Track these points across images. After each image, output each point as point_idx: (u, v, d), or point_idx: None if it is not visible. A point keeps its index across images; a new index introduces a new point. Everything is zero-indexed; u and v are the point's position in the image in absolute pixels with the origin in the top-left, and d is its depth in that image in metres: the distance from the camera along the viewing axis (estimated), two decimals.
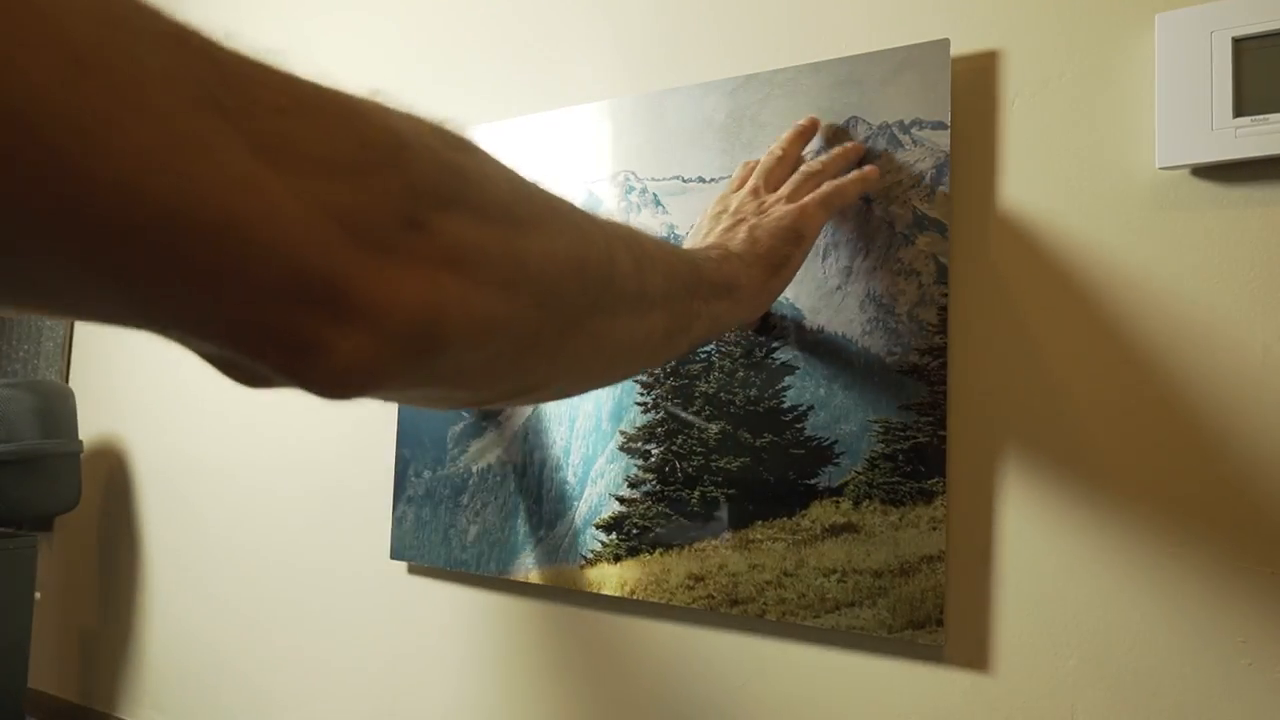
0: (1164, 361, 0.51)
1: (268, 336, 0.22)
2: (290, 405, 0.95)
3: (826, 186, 0.55)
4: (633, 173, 0.71)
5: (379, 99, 0.25)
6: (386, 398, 0.28)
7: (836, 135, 0.61)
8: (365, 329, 0.22)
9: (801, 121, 0.61)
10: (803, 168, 0.57)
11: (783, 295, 0.62)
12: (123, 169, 0.18)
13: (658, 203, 0.69)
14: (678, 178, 0.69)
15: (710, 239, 0.52)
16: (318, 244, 0.21)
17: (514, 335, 0.28)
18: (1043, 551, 0.53)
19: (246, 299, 0.20)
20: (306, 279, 0.21)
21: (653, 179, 0.70)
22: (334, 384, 0.23)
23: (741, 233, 0.51)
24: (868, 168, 0.57)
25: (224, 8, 1.10)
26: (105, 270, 0.19)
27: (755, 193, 0.55)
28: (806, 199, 0.54)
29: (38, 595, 1.08)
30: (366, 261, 0.22)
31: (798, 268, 0.54)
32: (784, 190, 0.55)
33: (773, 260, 0.51)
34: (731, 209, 0.55)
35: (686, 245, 0.55)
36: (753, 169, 0.59)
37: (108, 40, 0.18)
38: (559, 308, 0.30)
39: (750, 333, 0.64)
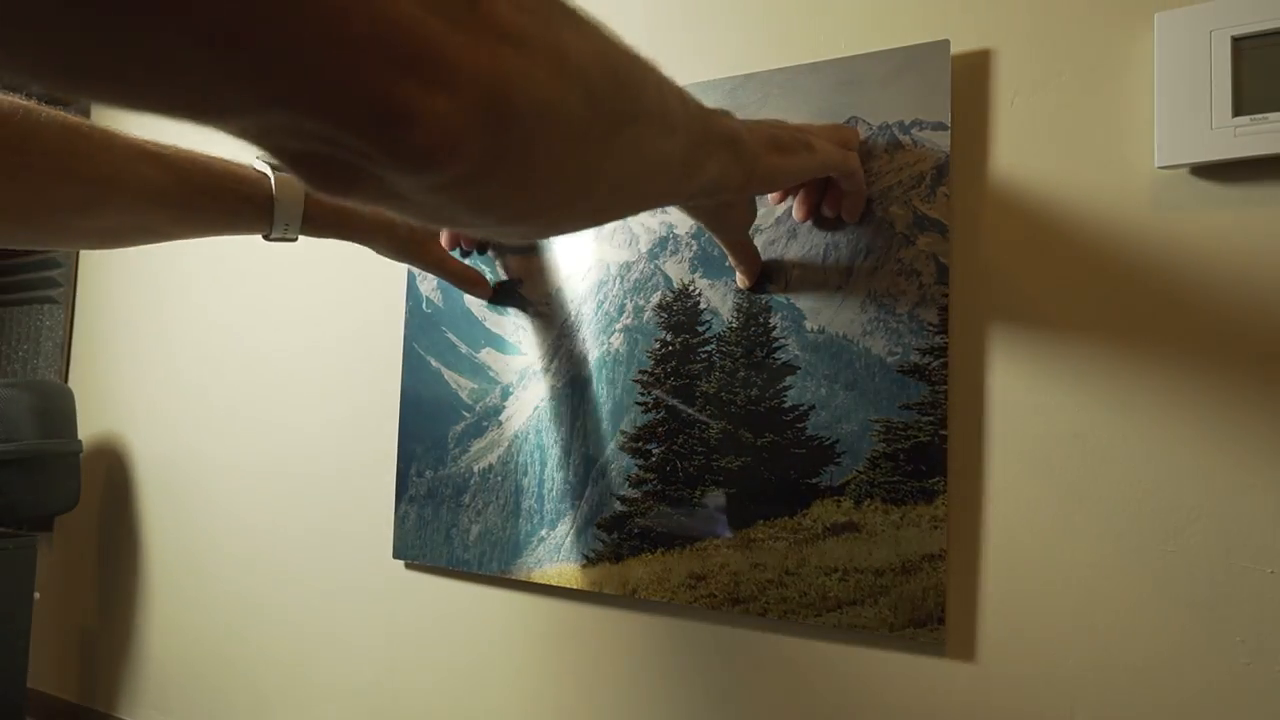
0: (1163, 361, 0.51)
1: (367, 104, 0.24)
2: (291, 404, 0.95)
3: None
4: None
5: None
6: (463, 195, 0.30)
7: None
8: (450, 92, 0.25)
9: None
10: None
11: (782, 295, 0.63)
12: None
13: None
14: None
15: None
16: (408, 14, 0.23)
17: (568, 126, 0.31)
18: (1043, 551, 0.54)
19: (351, 64, 0.23)
20: (401, 44, 0.23)
21: None
22: (423, 153, 0.26)
23: (749, 123, 0.51)
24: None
25: None
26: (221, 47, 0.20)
27: None
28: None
29: (37, 595, 1.08)
30: (446, 31, 0.24)
31: (799, 171, 0.54)
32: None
33: (775, 143, 0.51)
34: None
35: None
36: None
37: None
38: (601, 106, 0.33)
39: (750, 330, 0.64)
